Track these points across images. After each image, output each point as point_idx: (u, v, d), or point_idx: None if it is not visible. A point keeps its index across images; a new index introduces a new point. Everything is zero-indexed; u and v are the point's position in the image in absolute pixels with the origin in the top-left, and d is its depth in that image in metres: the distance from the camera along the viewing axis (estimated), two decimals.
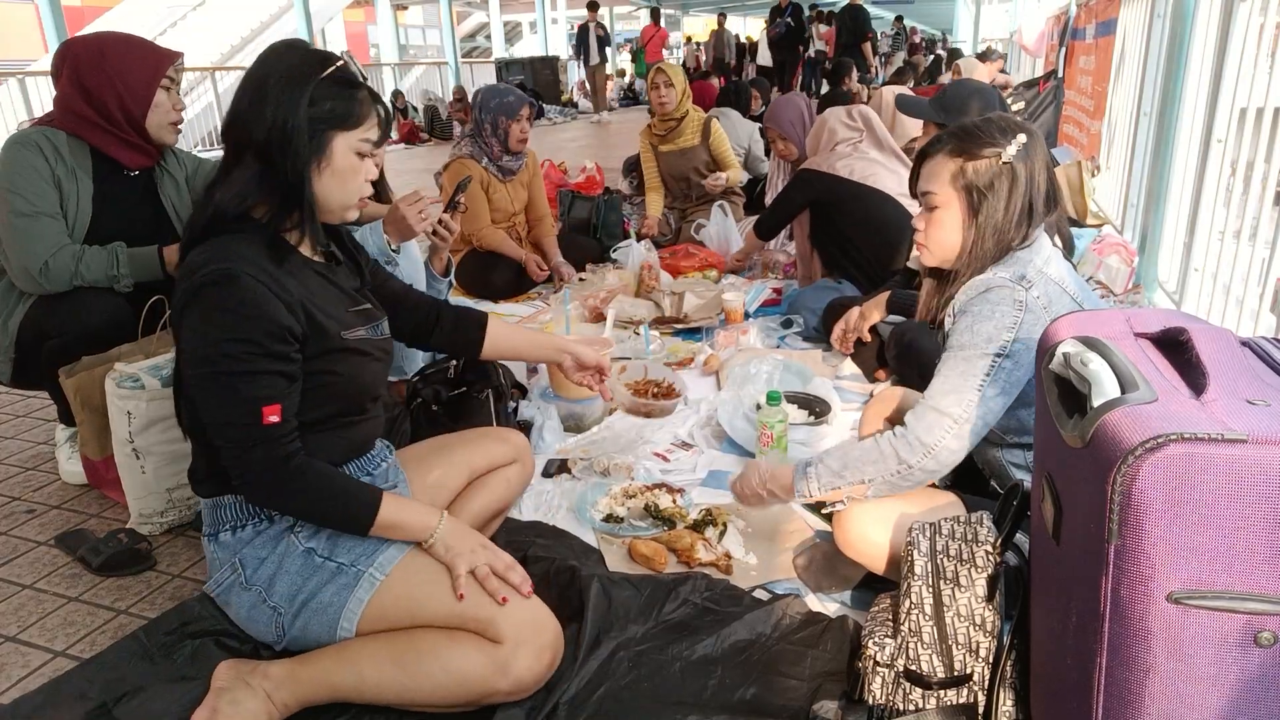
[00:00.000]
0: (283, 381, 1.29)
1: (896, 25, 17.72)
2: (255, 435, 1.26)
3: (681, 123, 4.40)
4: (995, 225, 1.46)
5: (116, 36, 2.08)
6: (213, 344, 1.26)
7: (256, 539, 1.39)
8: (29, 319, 2.04)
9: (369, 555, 1.36)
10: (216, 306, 1.25)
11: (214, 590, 1.44)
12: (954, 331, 1.45)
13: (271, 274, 1.30)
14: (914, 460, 1.40)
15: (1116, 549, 0.82)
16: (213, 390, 1.27)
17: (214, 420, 1.29)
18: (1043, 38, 8.11)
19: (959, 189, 1.48)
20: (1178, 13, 3.26)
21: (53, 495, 2.22)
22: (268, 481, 1.29)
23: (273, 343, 1.27)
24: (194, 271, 1.27)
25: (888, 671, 1.28)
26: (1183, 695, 0.83)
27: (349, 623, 1.34)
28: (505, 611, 1.31)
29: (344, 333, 1.40)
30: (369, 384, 1.49)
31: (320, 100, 1.31)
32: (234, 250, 1.29)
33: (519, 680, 1.30)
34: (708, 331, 3.15)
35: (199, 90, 10.81)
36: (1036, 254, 1.47)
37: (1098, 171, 4.84)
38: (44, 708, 1.41)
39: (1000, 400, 1.40)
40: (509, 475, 1.77)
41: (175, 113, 2.11)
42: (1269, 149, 2.47)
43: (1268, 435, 0.77)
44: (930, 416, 1.41)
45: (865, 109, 3.27)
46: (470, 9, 27.16)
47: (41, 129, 2.02)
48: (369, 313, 1.50)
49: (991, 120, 1.49)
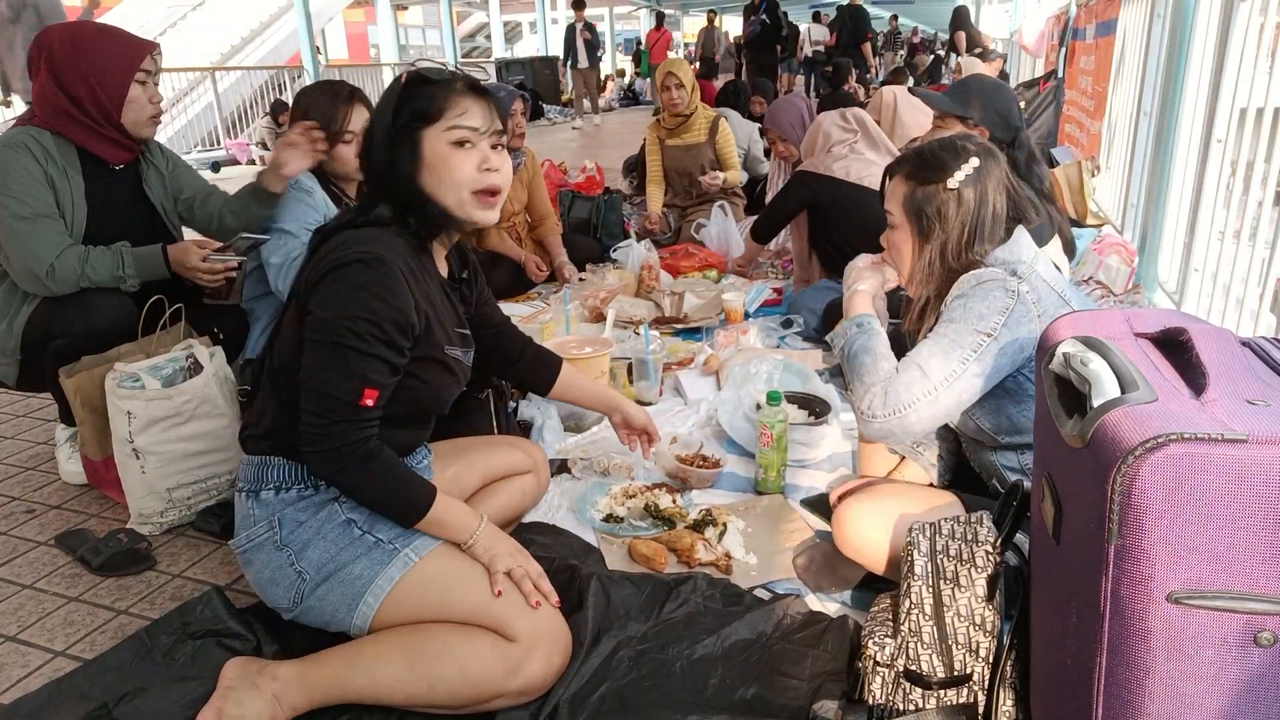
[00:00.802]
0: (388, 370, 1.34)
1: (892, 24, 17.74)
2: (348, 411, 1.30)
3: (690, 118, 4.45)
4: (942, 248, 1.51)
5: (90, 27, 2.06)
6: (345, 315, 1.29)
7: (300, 502, 1.41)
8: (34, 321, 2.03)
9: (408, 536, 1.39)
10: (359, 283, 1.30)
11: (240, 546, 1.44)
12: (946, 309, 1.48)
13: (413, 270, 1.36)
14: (882, 413, 1.43)
15: (1116, 549, 0.82)
16: (327, 357, 1.30)
17: (315, 385, 1.31)
18: (1043, 38, 8.11)
19: (909, 213, 1.53)
20: (1178, 13, 3.26)
21: (53, 495, 2.22)
22: (340, 456, 1.31)
23: (395, 332, 1.32)
24: (343, 249, 1.32)
25: (888, 671, 1.28)
26: (1183, 695, 0.83)
27: (374, 598, 1.35)
28: (528, 615, 1.33)
29: (446, 347, 1.46)
30: (443, 400, 1.54)
31: (403, 107, 1.36)
32: (385, 240, 1.35)
33: (529, 681, 1.31)
34: (708, 331, 3.15)
35: (199, 90, 10.81)
36: (1023, 252, 1.49)
37: (1098, 171, 4.84)
38: (45, 707, 1.41)
39: (980, 381, 1.41)
40: (523, 485, 1.80)
41: (153, 105, 2.08)
42: (1269, 149, 2.47)
43: (1268, 435, 0.77)
44: (912, 372, 1.43)
45: (859, 111, 3.29)
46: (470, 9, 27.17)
47: (26, 129, 2.00)
48: (467, 338, 1.56)
49: (947, 144, 1.53)
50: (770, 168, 4.46)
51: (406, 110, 1.36)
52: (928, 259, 1.53)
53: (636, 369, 2.63)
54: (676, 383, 2.73)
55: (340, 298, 1.30)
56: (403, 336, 1.33)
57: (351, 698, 1.34)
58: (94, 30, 2.05)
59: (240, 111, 10.93)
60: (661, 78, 4.42)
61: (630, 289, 3.54)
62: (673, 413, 2.54)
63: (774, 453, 2.00)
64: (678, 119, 4.45)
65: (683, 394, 2.66)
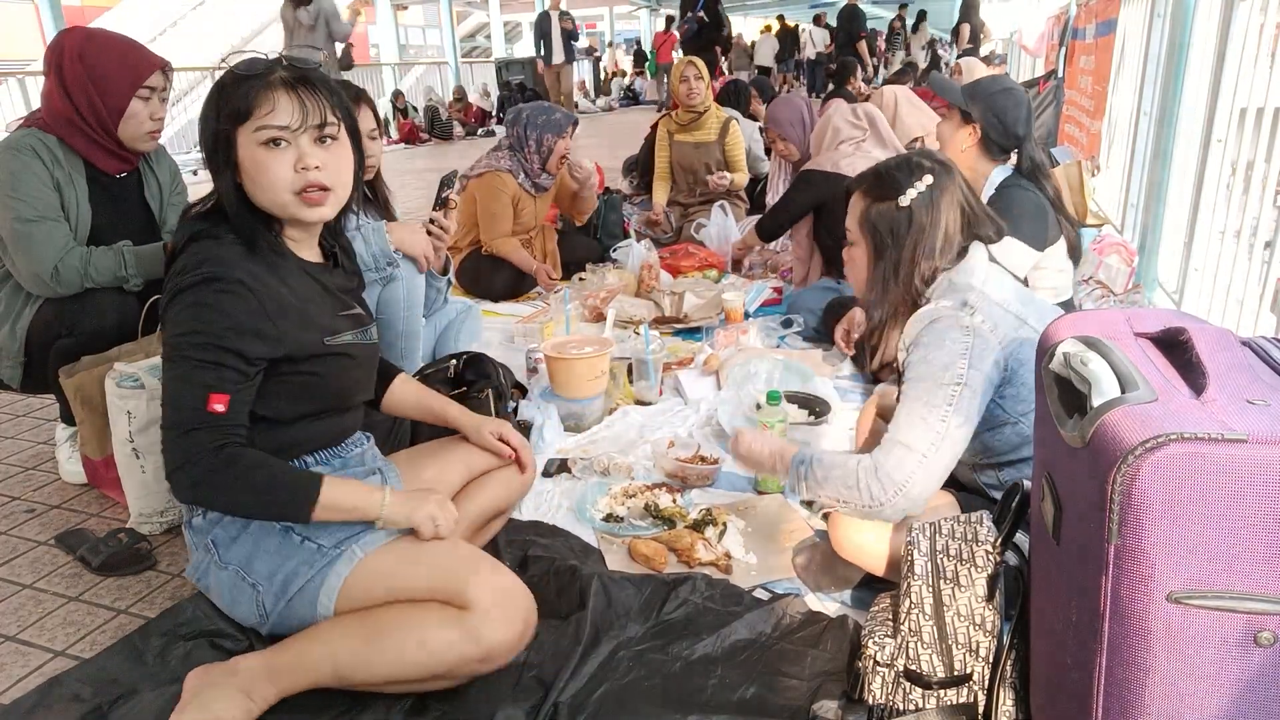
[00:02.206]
0: (236, 375, 1.30)
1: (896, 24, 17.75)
2: (197, 418, 1.27)
3: (703, 116, 4.47)
4: (896, 265, 1.50)
5: (104, 37, 2.04)
6: (183, 332, 1.29)
7: (224, 518, 1.40)
8: (37, 322, 2.04)
9: (352, 539, 1.37)
10: (195, 301, 1.29)
11: (193, 575, 1.45)
12: (908, 365, 1.45)
13: (257, 276, 1.33)
14: (885, 499, 1.38)
15: (1116, 549, 0.82)
16: (173, 373, 1.30)
17: (166, 402, 1.30)
18: (1043, 38, 8.11)
19: (865, 229, 1.54)
20: (1178, 13, 3.26)
21: (53, 495, 2.22)
22: (200, 466, 1.27)
23: (234, 339, 1.29)
24: (185, 272, 1.31)
25: (888, 671, 1.28)
26: (1183, 695, 0.83)
27: (328, 599, 1.34)
28: (476, 579, 1.32)
29: (327, 339, 1.42)
30: (349, 388, 1.51)
31: (221, 107, 1.31)
32: (220, 254, 1.32)
33: (491, 648, 1.29)
34: (708, 331, 3.15)
35: (199, 90, 10.80)
36: (972, 275, 1.47)
37: (1098, 171, 4.84)
38: (38, 709, 1.41)
39: (964, 429, 1.39)
40: (508, 477, 1.76)
41: (153, 123, 2.06)
42: (1269, 149, 2.47)
43: (1268, 435, 0.77)
44: (898, 452, 1.39)
45: (871, 108, 3.27)
46: (470, 9, 27.15)
47: (34, 132, 2.00)
48: (358, 317, 1.52)
49: (904, 162, 1.53)
50: (770, 168, 4.46)
51: (223, 111, 1.30)
52: (880, 275, 1.52)
53: (636, 369, 2.63)
54: (676, 383, 2.73)
55: (180, 318, 1.30)
56: (247, 343, 1.30)
57: (319, 680, 1.34)
58: (105, 39, 2.03)
59: None
60: (682, 68, 4.45)
61: (630, 289, 3.54)
62: (673, 413, 2.55)
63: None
64: (691, 114, 4.47)
65: (683, 394, 2.66)
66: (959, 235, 1.50)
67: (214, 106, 1.31)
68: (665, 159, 4.66)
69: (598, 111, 15.64)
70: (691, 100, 4.43)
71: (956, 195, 1.50)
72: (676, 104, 4.71)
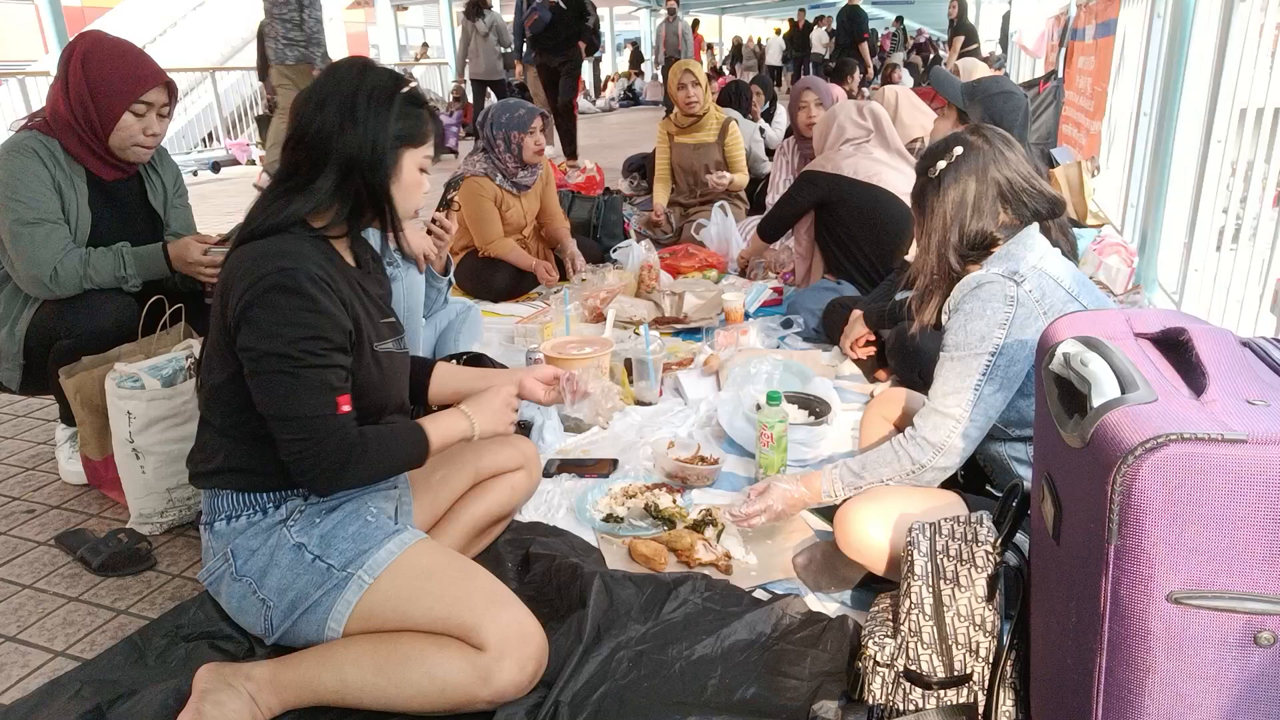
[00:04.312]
0: (345, 374, 1.37)
1: (896, 25, 17.77)
2: (333, 424, 1.32)
3: (702, 118, 4.49)
4: (929, 235, 1.57)
5: (112, 44, 2.02)
6: (290, 341, 1.29)
7: (249, 530, 1.40)
8: (36, 324, 2.03)
9: (360, 558, 1.37)
10: (289, 306, 1.30)
11: (206, 579, 1.46)
12: (948, 330, 1.50)
13: (329, 274, 1.36)
14: (925, 459, 1.49)
15: (1116, 549, 0.82)
16: (289, 384, 1.30)
17: (286, 413, 1.31)
18: (1043, 38, 8.12)
19: (914, 203, 1.63)
20: (1178, 13, 3.26)
21: (53, 495, 2.22)
22: (340, 463, 1.33)
23: (341, 337, 1.34)
24: (258, 270, 1.31)
25: (888, 671, 1.28)
26: (1182, 695, 0.83)
27: (336, 624, 1.35)
28: (491, 618, 1.31)
29: (376, 344, 1.45)
30: (381, 399, 1.50)
31: (398, 120, 1.39)
32: (293, 249, 1.34)
33: (501, 690, 1.29)
34: (708, 331, 3.15)
35: (199, 90, 10.80)
36: (1030, 250, 1.49)
37: (1098, 171, 4.84)
38: (38, 710, 1.41)
39: (1000, 395, 1.46)
40: (514, 482, 1.78)
41: (146, 137, 2.04)
42: (1269, 149, 2.47)
43: (1268, 435, 0.77)
44: (934, 418, 1.49)
45: (877, 106, 3.26)
46: None
47: (36, 134, 2.00)
48: (395, 325, 1.55)
49: (948, 138, 1.58)
50: (771, 168, 4.46)
51: (400, 125, 1.40)
52: (924, 244, 1.59)
53: (636, 369, 2.63)
54: (676, 383, 2.73)
55: (276, 325, 1.29)
56: (345, 339, 1.36)
57: (324, 700, 1.34)
58: (112, 47, 2.01)
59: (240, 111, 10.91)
60: (679, 75, 4.45)
61: (630, 289, 3.54)
62: (673, 413, 2.54)
63: (774, 453, 1.99)
64: (690, 117, 4.49)
65: (683, 394, 2.66)
66: (994, 206, 1.52)
67: (381, 118, 1.38)
68: (665, 161, 4.67)
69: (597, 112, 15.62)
70: (690, 108, 4.45)
71: (989, 168, 1.52)
72: None
